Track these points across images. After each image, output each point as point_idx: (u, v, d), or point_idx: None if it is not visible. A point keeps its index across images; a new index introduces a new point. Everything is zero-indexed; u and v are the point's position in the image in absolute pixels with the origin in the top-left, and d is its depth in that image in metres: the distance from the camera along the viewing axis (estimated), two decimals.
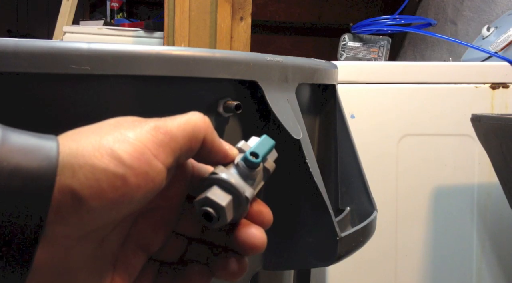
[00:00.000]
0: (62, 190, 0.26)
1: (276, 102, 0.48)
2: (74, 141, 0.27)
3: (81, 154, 0.26)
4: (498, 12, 1.45)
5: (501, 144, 0.75)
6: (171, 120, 0.30)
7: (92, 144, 0.27)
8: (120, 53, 0.39)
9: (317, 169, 0.50)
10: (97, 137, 0.27)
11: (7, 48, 0.35)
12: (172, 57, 0.41)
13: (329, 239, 0.49)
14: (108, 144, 0.27)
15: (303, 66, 0.54)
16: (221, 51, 0.46)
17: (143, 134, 0.28)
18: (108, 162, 0.26)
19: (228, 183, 0.31)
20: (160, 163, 0.28)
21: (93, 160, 0.26)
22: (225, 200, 0.31)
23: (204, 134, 0.31)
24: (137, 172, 0.27)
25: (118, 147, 0.27)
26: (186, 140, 0.30)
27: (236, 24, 1.30)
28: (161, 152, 0.28)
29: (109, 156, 0.27)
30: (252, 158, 0.32)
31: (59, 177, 0.25)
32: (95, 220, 0.27)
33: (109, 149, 0.27)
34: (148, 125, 0.29)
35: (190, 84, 0.44)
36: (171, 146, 0.29)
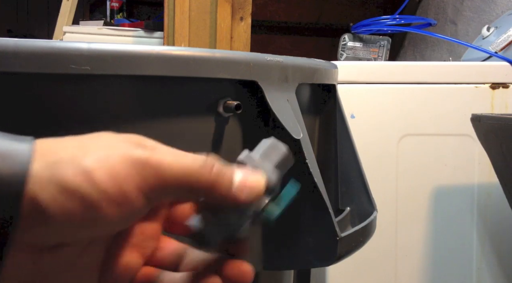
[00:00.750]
0: (30, 200, 0.24)
1: (276, 102, 0.48)
2: (55, 150, 0.25)
3: (56, 167, 0.25)
4: (498, 12, 1.45)
5: (501, 144, 0.75)
6: (169, 160, 0.27)
7: (72, 159, 0.25)
8: (120, 53, 0.39)
9: (317, 169, 0.50)
10: (79, 153, 0.26)
11: (7, 48, 0.35)
12: (172, 57, 0.41)
13: (329, 239, 0.49)
14: (86, 163, 0.25)
15: (303, 66, 0.54)
16: (221, 51, 0.46)
17: (129, 162, 0.26)
18: (81, 182, 0.25)
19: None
20: (141, 196, 0.26)
21: (67, 177, 0.24)
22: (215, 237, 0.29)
23: (205, 193, 0.28)
24: (111, 200, 0.25)
25: (98, 168, 0.25)
26: (178, 190, 0.27)
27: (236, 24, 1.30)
28: (146, 187, 0.26)
29: (84, 176, 0.25)
30: (268, 215, 0.30)
31: (30, 186, 0.24)
32: (64, 236, 0.26)
33: (87, 169, 0.25)
34: (141, 153, 0.27)
35: (190, 84, 0.44)
36: (157, 186, 0.27)
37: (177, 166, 0.27)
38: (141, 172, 0.26)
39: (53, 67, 0.36)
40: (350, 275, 1.01)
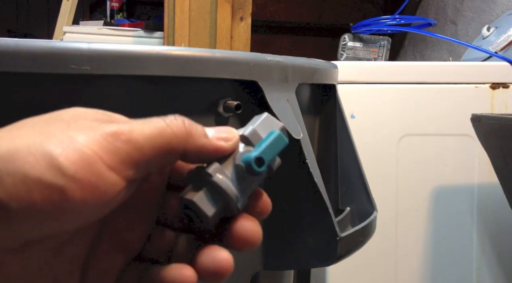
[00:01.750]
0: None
1: (276, 102, 0.48)
2: (8, 139, 0.23)
3: (12, 157, 0.22)
4: (498, 12, 1.45)
5: (501, 144, 0.75)
6: (139, 127, 0.25)
7: (28, 147, 0.22)
8: (120, 53, 0.39)
9: (317, 169, 0.50)
10: (37, 138, 0.23)
11: (7, 48, 0.35)
12: (172, 57, 0.41)
13: (329, 239, 0.49)
14: (47, 148, 0.22)
15: (303, 66, 0.54)
16: (221, 51, 0.46)
17: (96, 139, 0.23)
18: (44, 169, 0.22)
19: (222, 190, 0.27)
20: (115, 174, 0.23)
21: (26, 167, 0.22)
22: (211, 210, 0.27)
23: (184, 146, 0.26)
24: (82, 184, 0.22)
25: (60, 152, 0.22)
26: (156, 153, 0.25)
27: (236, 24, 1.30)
28: (119, 163, 0.23)
29: (46, 162, 0.22)
30: (256, 166, 0.27)
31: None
32: (30, 233, 0.23)
33: (48, 154, 0.22)
34: (107, 128, 0.24)
35: (190, 84, 0.44)
36: (133, 157, 0.24)
37: (148, 128, 0.25)
38: (111, 146, 0.23)
39: (53, 67, 0.36)
40: (350, 275, 1.01)
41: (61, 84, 0.38)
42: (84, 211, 0.23)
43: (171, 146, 0.25)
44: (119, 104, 0.41)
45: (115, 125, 0.25)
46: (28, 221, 0.22)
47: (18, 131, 0.23)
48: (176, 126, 0.25)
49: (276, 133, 0.28)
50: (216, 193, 0.27)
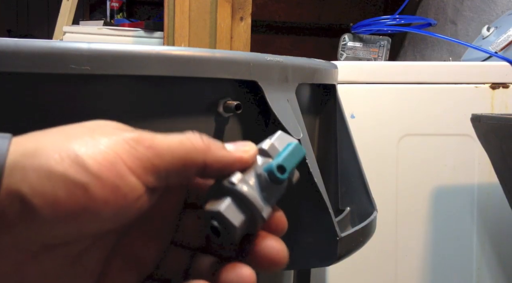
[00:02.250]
0: (10, 193, 0.22)
1: (276, 102, 0.48)
2: (33, 140, 0.23)
3: (38, 154, 0.22)
4: (498, 12, 1.45)
5: (501, 144, 0.75)
6: (162, 137, 0.25)
7: (53, 145, 0.23)
8: (120, 53, 0.39)
9: (317, 169, 0.50)
10: (62, 138, 0.23)
11: (7, 48, 0.35)
12: (172, 57, 0.41)
13: (329, 239, 0.49)
14: (72, 147, 0.23)
15: (303, 66, 0.54)
16: (221, 51, 0.46)
17: (119, 142, 0.24)
18: (69, 166, 0.22)
19: (247, 199, 0.26)
20: (136, 178, 0.24)
21: (51, 163, 0.22)
22: (238, 219, 0.26)
23: (203, 158, 0.26)
24: (104, 183, 0.22)
25: (84, 151, 0.23)
26: (176, 162, 0.25)
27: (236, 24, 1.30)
28: (139, 166, 0.24)
29: (71, 160, 0.22)
30: (278, 173, 0.27)
31: (7, 179, 0.22)
32: (50, 233, 0.23)
33: (73, 152, 0.22)
34: (130, 134, 0.24)
35: (190, 84, 0.44)
36: (154, 163, 0.24)
37: (169, 139, 0.25)
38: (133, 150, 0.24)
39: (53, 67, 0.36)
40: (350, 275, 1.01)
41: (61, 84, 0.38)
42: (104, 212, 0.23)
43: (191, 156, 0.25)
44: (119, 104, 0.41)
45: (137, 132, 0.25)
46: (50, 219, 0.22)
47: (42, 133, 0.24)
48: (195, 139, 0.26)
49: (294, 143, 0.29)
50: (241, 203, 0.26)
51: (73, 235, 0.23)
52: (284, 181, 0.28)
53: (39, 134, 0.24)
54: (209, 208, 0.26)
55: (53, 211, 0.22)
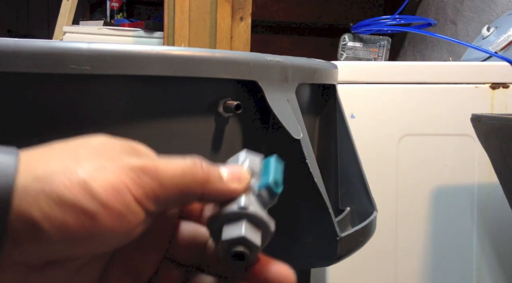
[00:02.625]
0: (20, 215, 0.22)
1: (276, 102, 0.48)
2: (42, 162, 0.24)
3: (48, 179, 0.23)
4: (498, 12, 1.45)
5: (501, 144, 0.75)
6: (163, 165, 0.26)
7: (63, 171, 0.23)
8: (120, 53, 0.39)
9: (317, 169, 0.50)
10: (71, 163, 0.24)
11: (7, 48, 0.35)
12: (172, 57, 0.41)
13: (329, 239, 0.49)
14: (81, 174, 0.23)
15: (303, 66, 0.54)
16: (221, 51, 0.46)
17: (125, 170, 0.25)
18: (79, 194, 0.23)
19: (260, 219, 0.28)
20: (140, 206, 0.25)
21: (62, 189, 0.23)
22: (258, 238, 0.27)
23: (201, 191, 0.27)
24: (111, 211, 0.24)
25: (94, 179, 0.24)
26: (176, 194, 0.26)
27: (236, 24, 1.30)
28: (143, 196, 0.25)
29: (81, 187, 0.23)
30: (275, 188, 0.29)
31: (18, 201, 0.22)
32: (57, 252, 0.24)
33: (82, 180, 0.23)
34: (135, 161, 0.25)
35: (190, 84, 0.44)
36: (157, 194, 0.25)
37: (172, 168, 0.26)
38: (138, 180, 0.25)
39: (53, 67, 0.36)
40: (350, 275, 1.01)
41: (61, 84, 0.38)
42: (109, 238, 0.24)
43: (191, 189, 0.26)
44: (119, 104, 0.41)
45: (142, 159, 0.26)
46: (58, 242, 0.23)
47: (50, 153, 0.24)
48: (196, 171, 0.27)
49: (273, 157, 0.30)
50: (254, 223, 0.28)
51: (77, 255, 0.25)
52: (277, 195, 0.29)
53: (47, 154, 0.24)
54: (230, 236, 0.27)
55: (61, 235, 0.23)
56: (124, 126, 0.41)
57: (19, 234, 0.23)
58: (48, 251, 0.23)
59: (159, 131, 0.42)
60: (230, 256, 0.27)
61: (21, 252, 0.23)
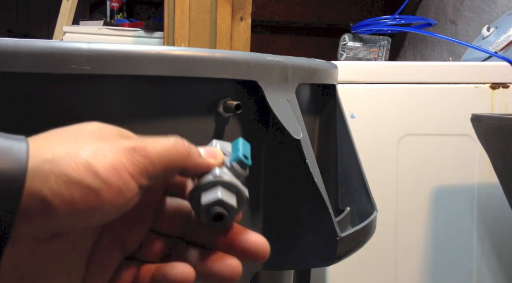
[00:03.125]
0: (32, 194, 0.26)
1: (276, 102, 0.48)
2: (49, 148, 0.27)
3: (56, 162, 0.26)
4: (498, 12, 1.45)
5: (501, 144, 0.76)
6: (151, 144, 0.30)
7: (69, 154, 0.27)
8: (120, 53, 0.39)
9: (317, 169, 0.50)
10: (74, 147, 0.27)
11: (7, 48, 0.35)
12: (172, 57, 0.41)
13: (329, 239, 0.49)
14: (85, 156, 0.27)
15: (303, 66, 0.54)
16: (221, 51, 0.46)
17: (121, 151, 0.28)
18: (84, 174, 0.26)
19: (232, 184, 0.31)
20: (134, 182, 0.28)
21: (69, 170, 0.26)
22: (234, 200, 0.31)
23: (184, 164, 0.31)
24: (111, 187, 0.27)
25: (95, 160, 0.27)
26: (163, 168, 0.30)
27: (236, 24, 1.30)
28: (137, 172, 0.28)
29: (85, 168, 0.27)
30: (245, 160, 0.33)
31: (30, 181, 0.26)
32: (63, 225, 0.27)
33: (86, 161, 0.27)
34: (128, 143, 0.29)
35: (190, 84, 0.44)
36: (148, 169, 0.29)
37: (158, 146, 0.30)
38: (132, 159, 0.28)
39: (53, 67, 0.36)
40: (350, 275, 1.01)
41: (61, 84, 0.38)
42: (108, 210, 0.28)
43: (175, 163, 0.30)
44: (119, 104, 0.41)
45: (133, 141, 0.30)
46: (65, 216, 0.26)
47: (54, 139, 0.28)
48: (179, 147, 0.31)
49: (240, 139, 0.34)
50: (229, 189, 0.31)
51: (80, 226, 0.28)
52: (248, 167, 0.33)
53: (52, 140, 0.28)
54: (208, 200, 0.31)
55: (68, 210, 0.26)
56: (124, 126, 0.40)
57: (31, 210, 0.26)
58: (56, 224, 0.27)
59: (159, 131, 0.43)
60: (211, 218, 0.31)
61: (32, 226, 0.26)
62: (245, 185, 0.33)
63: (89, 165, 0.27)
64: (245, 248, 0.31)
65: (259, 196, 0.51)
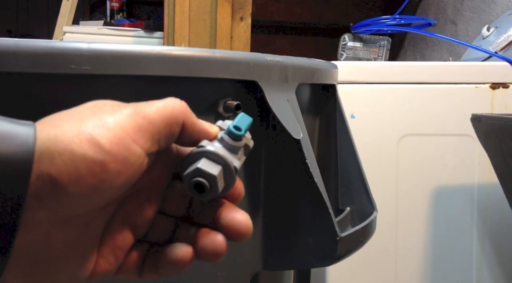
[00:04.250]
0: (40, 176, 0.26)
1: (276, 102, 0.48)
2: (53, 126, 0.27)
3: (60, 140, 0.26)
4: (498, 12, 1.45)
5: (501, 144, 0.76)
6: (148, 105, 0.30)
7: (71, 130, 0.27)
8: (120, 53, 0.39)
9: (317, 169, 0.50)
10: (76, 123, 0.27)
11: (7, 48, 0.35)
12: (172, 57, 0.41)
13: (329, 239, 0.49)
14: (87, 130, 0.27)
15: (303, 66, 0.54)
16: (221, 51, 0.46)
17: (122, 119, 0.28)
18: (88, 148, 0.26)
19: (216, 154, 0.31)
20: (139, 147, 0.28)
21: (72, 146, 0.26)
22: (216, 170, 0.31)
23: (183, 118, 0.31)
24: (116, 157, 0.27)
25: (97, 132, 0.27)
26: (165, 124, 0.30)
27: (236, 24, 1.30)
28: (140, 136, 0.28)
29: (89, 142, 0.27)
30: (236, 131, 0.33)
31: (37, 164, 0.26)
32: (75, 205, 0.27)
33: (89, 135, 0.27)
34: (127, 110, 0.29)
35: (190, 84, 0.44)
36: (150, 130, 0.29)
37: (155, 106, 0.30)
38: (132, 123, 0.28)
39: (53, 67, 0.36)
40: (350, 275, 1.01)
41: (61, 84, 0.38)
42: (117, 181, 0.28)
43: (174, 118, 0.30)
44: None
45: (132, 106, 0.29)
46: (76, 193, 0.26)
47: (58, 119, 0.28)
48: (175, 102, 0.31)
49: (241, 113, 0.34)
50: (214, 159, 0.31)
51: (92, 204, 0.28)
52: (241, 137, 0.33)
53: (54, 120, 0.28)
54: (188, 171, 0.31)
55: (77, 187, 0.26)
56: None
57: (42, 192, 0.26)
58: (68, 204, 0.27)
59: None
60: (191, 188, 0.31)
61: (44, 209, 0.26)
62: (244, 156, 0.33)
63: (92, 138, 0.27)
64: (229, 225, 0.31)
65: (259, 196, 0.51)
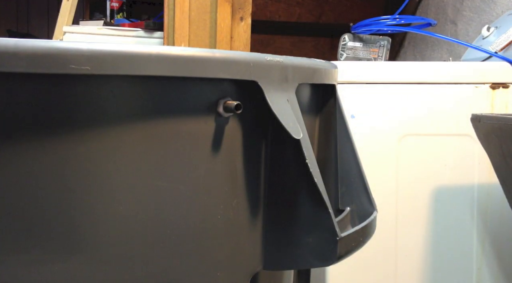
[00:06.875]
0: None
1: (276, 102, 0.48)
2: None
3: None
4: (498, 12, 1.45)
5: (501, 144, 0.75)
6: None
7: None
8: (120, 53, 0.39)
9: (317, 169, 0.50)
10: None
11: (7, 48, 0.35)
12: (172, 57, 0.41)
13: (329, 239, 0.49)
14: None
15: (303, 66, 0.54)
16: (221, 51, 0.46)
17: None
18: None
19: None
20: None
21: None
22: None
23: None
24: None
25: None
26: None
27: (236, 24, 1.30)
28: None
29: None
30: None
31: None
32: None
33: None
34: None
35: (190, 84, 0.44)
36: None
37: None
38: None
39: (53, 67, 0.36)
40: (350, 275, 1.01)
41: (61, 84, 0.38)
42: None
43: None
44: (119, 104, 0.41)
45: None
46: None
47: None
48: None
49: None
50: None
51: None
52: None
53: None
54: None
55: None
56: (124, 126, 0.41)
57: None
58: None
59: (159, 131, 0.42)
60: None
61: None
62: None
63: None
64: None
65: (259, 196, 0.51)
